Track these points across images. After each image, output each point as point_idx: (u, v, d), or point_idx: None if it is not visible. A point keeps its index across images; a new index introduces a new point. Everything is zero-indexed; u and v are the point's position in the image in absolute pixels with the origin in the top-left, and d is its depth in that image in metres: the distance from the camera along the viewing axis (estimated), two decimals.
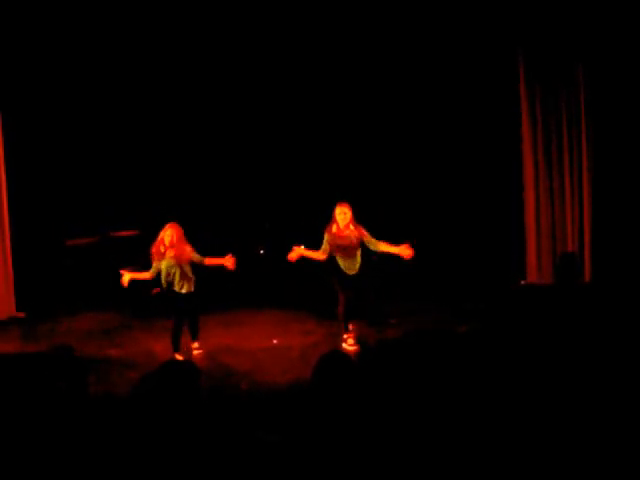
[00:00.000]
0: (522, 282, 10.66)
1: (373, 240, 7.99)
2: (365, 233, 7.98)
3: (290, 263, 8.08)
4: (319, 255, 8.01)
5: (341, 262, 8.05)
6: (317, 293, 9.16)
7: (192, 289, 7.92)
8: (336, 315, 8.21)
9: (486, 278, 10.50)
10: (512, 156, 10.64)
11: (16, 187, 10.38)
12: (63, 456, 3.32)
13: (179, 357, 7.70)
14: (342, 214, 7.91)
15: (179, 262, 7.80)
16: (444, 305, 9.45)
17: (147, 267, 7.95)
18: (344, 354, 3.73)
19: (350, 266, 8.05)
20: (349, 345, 8.10)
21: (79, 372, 3.94)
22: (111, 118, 11.12)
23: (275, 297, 10.49)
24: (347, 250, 8.00)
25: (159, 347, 8.22)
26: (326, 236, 7.99)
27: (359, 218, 8.07)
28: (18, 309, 10.32)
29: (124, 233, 11.78)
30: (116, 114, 11.11)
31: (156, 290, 10.28)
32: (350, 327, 8.20)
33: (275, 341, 8.44)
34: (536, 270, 10.62)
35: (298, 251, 8.00)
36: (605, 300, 8.99)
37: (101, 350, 8.26)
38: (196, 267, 7.96)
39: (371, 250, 8.06)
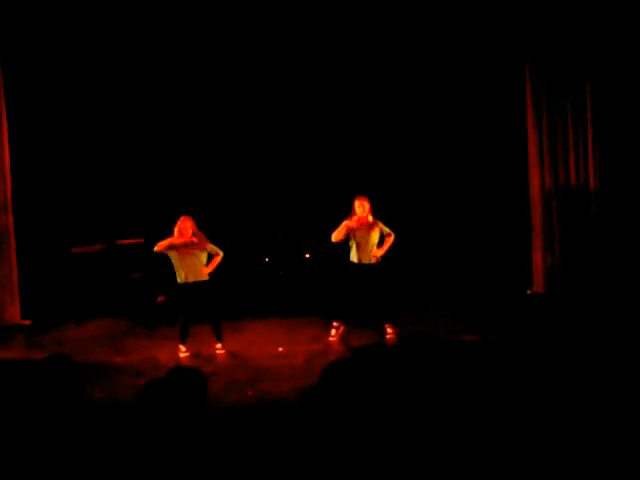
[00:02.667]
0: (528, 291, 10.63)
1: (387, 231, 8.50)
2: (381, 225, 8.51)
3: (295, 270, 8.22)
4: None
5: (357, 253, 8.46)
6: (323, 300, 9.18)
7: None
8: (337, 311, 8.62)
9: (492, 287, 10.48)
10: (519, 163, 10.67)
11: (22, 194, 10.41)
12: (65, 464, 3.31)
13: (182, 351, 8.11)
14: (361, 207, 8.36)
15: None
16: (448, 313, 9.41)
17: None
18: (351, 361, 3.72)
19: (365, 256, 8.44)
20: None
21: (76, 380, 3.92)
22: (118, 125, 11.15)
23: (281, 304, 10.49)
24: (363, 240, 8.44)
25: (164, 354, 8.22)
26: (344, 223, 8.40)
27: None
28: (24, 317, 10.32)
29: (130, 241, 11.78)
30: (122, 122, 11.15)
31: (161, 298, 10.28)
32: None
33: (281, 349, 8.42)
34: (542, 279, 10.59)
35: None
36: (611, 307, 8.96)
37: (107, 357, 8.25)
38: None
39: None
